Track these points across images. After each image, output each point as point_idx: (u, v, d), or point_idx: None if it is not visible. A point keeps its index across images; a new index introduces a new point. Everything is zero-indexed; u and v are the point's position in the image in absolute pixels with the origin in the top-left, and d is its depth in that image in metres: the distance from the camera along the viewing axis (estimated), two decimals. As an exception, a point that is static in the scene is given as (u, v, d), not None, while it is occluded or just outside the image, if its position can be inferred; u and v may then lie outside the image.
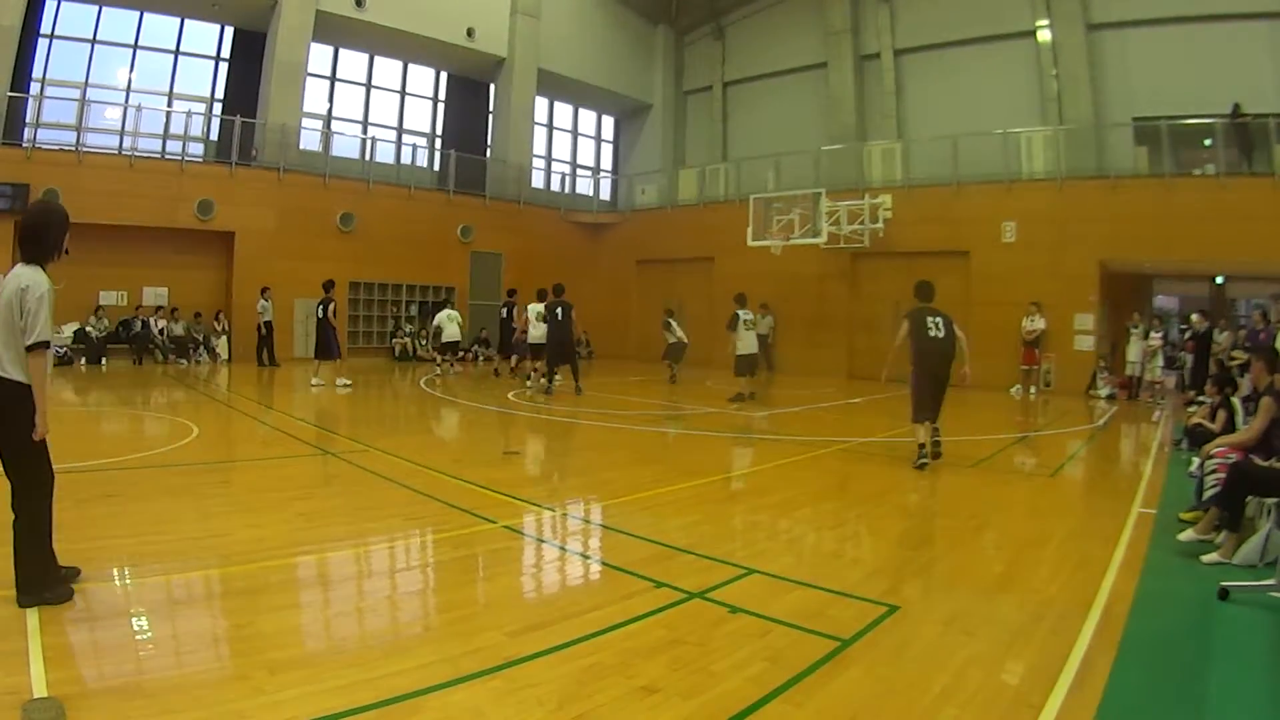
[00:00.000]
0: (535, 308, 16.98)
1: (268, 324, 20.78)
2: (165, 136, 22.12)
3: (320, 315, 16.93)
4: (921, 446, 9.56)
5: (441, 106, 28.53)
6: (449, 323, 19.35)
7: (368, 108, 26.88)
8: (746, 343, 15.85)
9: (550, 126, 32.06)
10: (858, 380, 21.32)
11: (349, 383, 16.75)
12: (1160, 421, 15.04)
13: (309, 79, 24.21)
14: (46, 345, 4.30)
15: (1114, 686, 3.80)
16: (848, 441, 11.94)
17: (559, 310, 15.87)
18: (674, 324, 20.03)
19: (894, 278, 21.98)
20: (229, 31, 23.83)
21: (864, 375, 21.76)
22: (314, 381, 16.62)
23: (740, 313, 15.70)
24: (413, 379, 19.06)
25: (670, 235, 27.48)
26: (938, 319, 9.62)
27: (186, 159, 21.75)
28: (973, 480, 9.28)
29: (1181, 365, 19.63)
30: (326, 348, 16.93)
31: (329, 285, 17.32)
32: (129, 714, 3.23)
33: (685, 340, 20.08)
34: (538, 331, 16.74)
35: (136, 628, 4.25)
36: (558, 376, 16.64)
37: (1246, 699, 3.93)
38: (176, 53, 23.21)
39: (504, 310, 20.12)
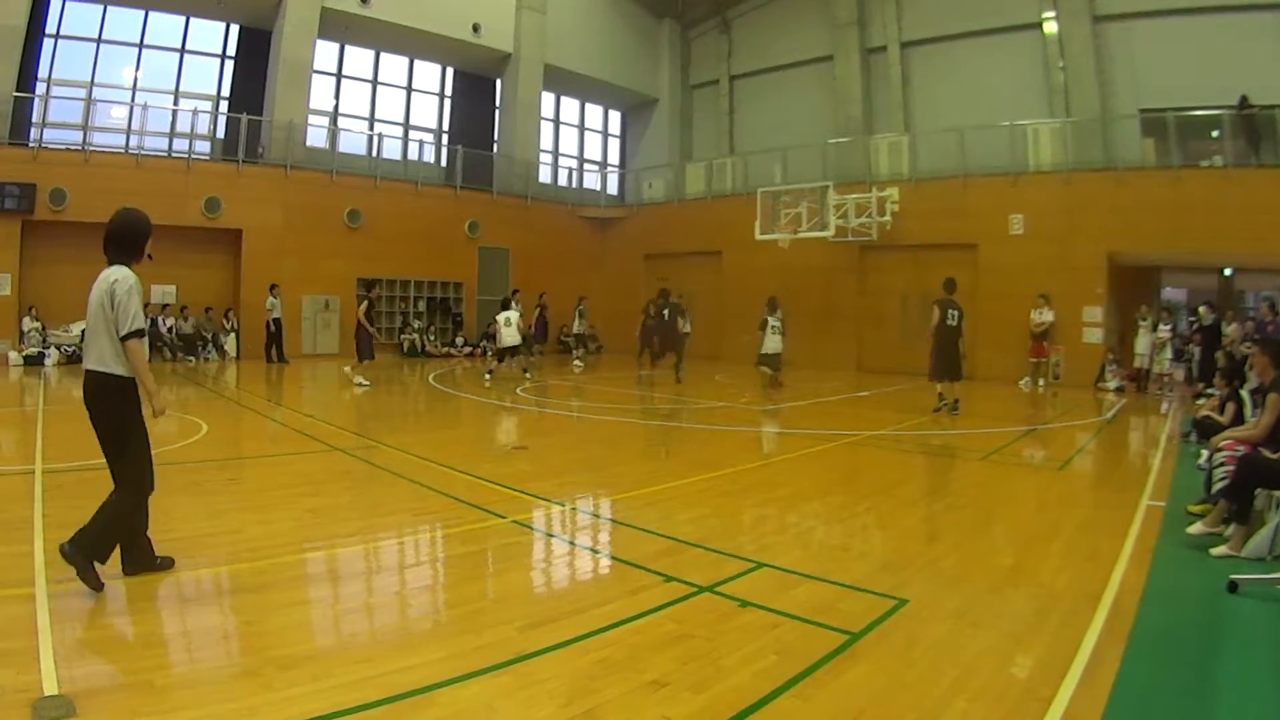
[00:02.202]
0: (508, 314, 17.58)
1: (276, 321, 20.81)
2: (172, 135, 22.18)
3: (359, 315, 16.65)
4: (941, 395, 13.88)
5: (448, 102, 28.52)
6: (506, 326, 19.25)
7: (374, 104, 26.87)
8: (770, 343, 17.04)
9: (557, 121, 32.03)
10: (866, 373, 21.29)
11: (364, 383, 16.39)
12: (1169, 414, 15.00)
13: (315, 76, 24.24)
14: (141, 333, 4.64)
15: (1123, 679, 3.79)
16: (856, 435, 11.92)
17: (665, 311, 17.02)
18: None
19: (902, 271, 22.01)
20: (234, 29, 23.84)
21: (872, 368, 21.75)
22: (358, 382, 16.17)
23: (769, 318, 17.01)
24: (421, 375, 19.07)
25: (678, 229, 27.46)
26: (956, 310, 13.54)
27: (193, 157, 21.83)
28: (982, 473, 9.26)
29: (1190, 358, 19.54)
30: (359, 348, 16.56)
31: (368, 284, 17.14)
32: (139, 711, 3.25)
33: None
34: (509, 335, 17.40)
35: (146, 625, 4.28)
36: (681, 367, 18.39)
37: (1256, 691, 3.92)
38: (182, 51, 23.23)
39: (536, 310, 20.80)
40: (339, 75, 26.07)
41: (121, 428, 4.69)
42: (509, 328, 17.36)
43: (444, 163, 27.52)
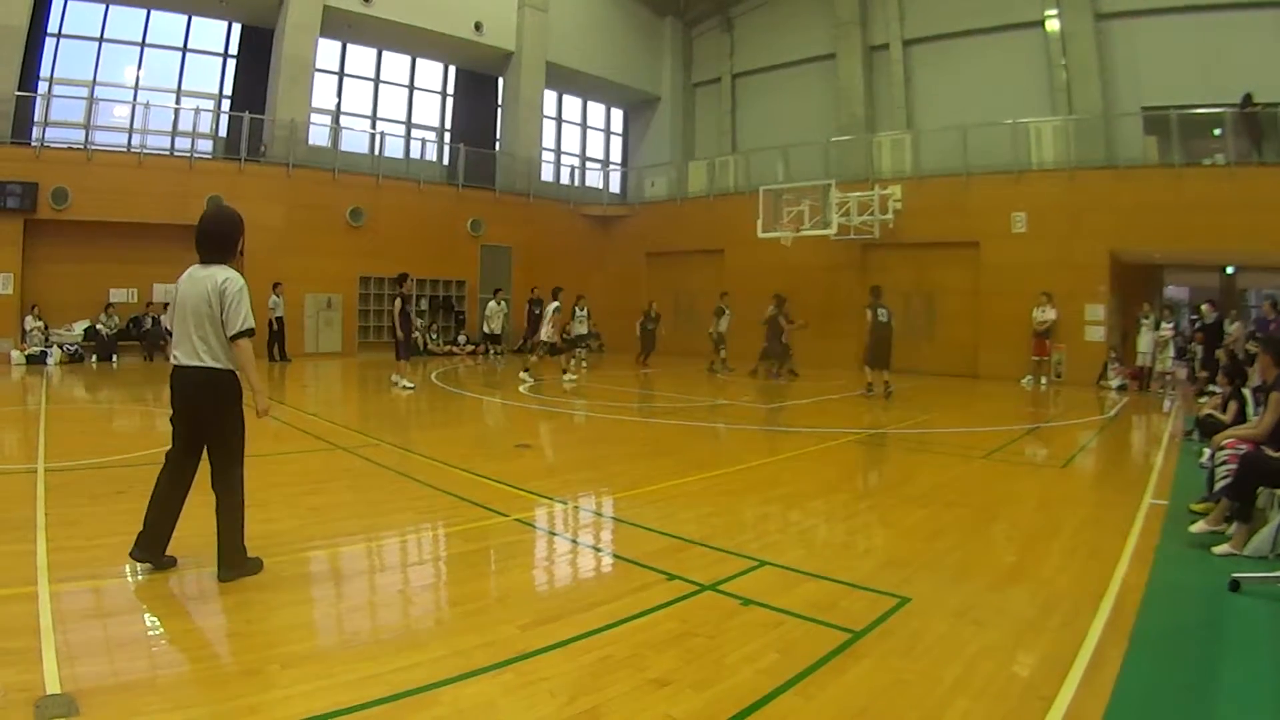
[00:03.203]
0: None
1: (279, 319, 20.84)
2: (174, 134, 22.18)
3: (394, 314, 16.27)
4: (870, 383, 16.00)
5: (450, 100, 28.52)
6: (578, 322, 20.50)
7: (376, 102, 26.88)
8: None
9: (559, 119, 32.03)
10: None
11: (409, 386, 15.91)
12: (1171, 412, 14.99)
13: (317, 74, 24.24)
14: (253, 332, 4.80)
15: (1125, 678, 3.79)
16: (858, 433, 11.92)
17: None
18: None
19: (904, 268, 22.00)
20: (236, 28, 23.86)
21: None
22: (403, 385, 15.77)
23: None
24: (424, 374, 19.06)
25: (680, 227, 27.48)
26: (885, 310, 15.87)
27: (195, 156, 21.84)
28: (984, 471, 9.25)
29: (1192, 356, 19.53)
30: (398, 348, 16.21)
31: (400, 279, 16.38)
32: (141, 710, 3.25)
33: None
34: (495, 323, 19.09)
35: (149, 623, 4.29)
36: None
37: (1258, 690, 3.92)
38: (184, 50, 23.25)
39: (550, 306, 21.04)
40: (341, 74, 26.08)
41: (230, 420, 4.83)
42: (579, 326, 18.83)
43: (446, 161, 27.54)
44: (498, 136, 28.90)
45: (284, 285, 20.81)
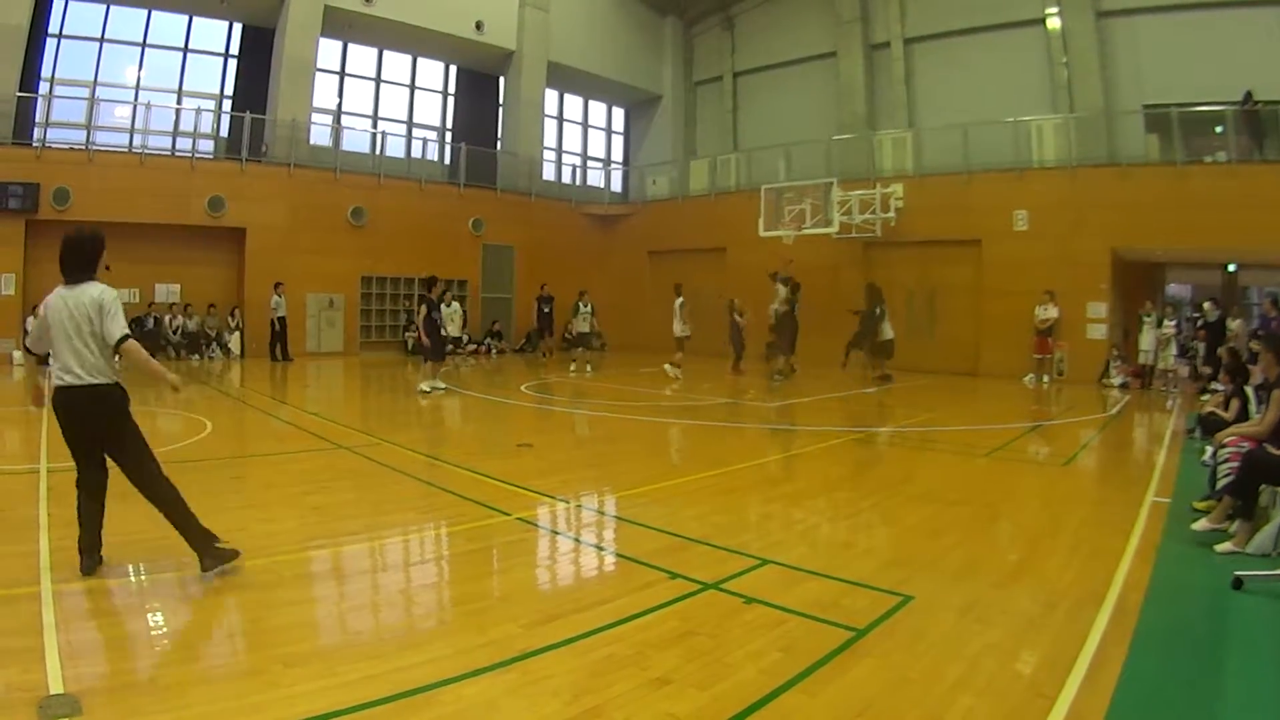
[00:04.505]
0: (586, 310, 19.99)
1: (281, 319, 20.85)
2: (175, 134, 22.18)
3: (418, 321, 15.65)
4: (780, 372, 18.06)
5: (451, 100, 28.50)
6: (580, 319, 20.80)
7: (377, 102, 26.85)
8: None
9: (560, 119, 32.01)
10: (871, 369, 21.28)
11: (440, 387, 15.35)
12: (1173, 410, 14.98)
13: (318, 74, 24.23)
14: (129, 336, 4.86)
15: (1128, 676, 3.79)
16: (861, 431, 11.91)
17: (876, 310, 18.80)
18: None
19: (906, 267, 21.99)
20: (237, 28, 23.84)
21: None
22: (432, 387, 15.09)
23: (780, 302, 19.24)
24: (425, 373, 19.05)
25: (682, 226, 27.47)
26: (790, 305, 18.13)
27: (197, 156, 21.84)
28: (986, 469, 9.25)
29: (1194, 354, 19.52)
30: (429, 350, 15.34)
31: (428, 283, 15.47)
32: (144, 709, 3.25)
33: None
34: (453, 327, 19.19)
35: (151, 623, 4.29)
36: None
37: (1261, 688, 3.92)
38: (185, 50, 23.23)
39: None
40: (342, 73, 26.06)
41: (123, 427, 4.93)
42: (581, 321, 19.23)
43: (448, 160, 27.52)
44: (499, 136, 28.88)
45: (285, 285, 20.82)
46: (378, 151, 25.34)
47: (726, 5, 30.69)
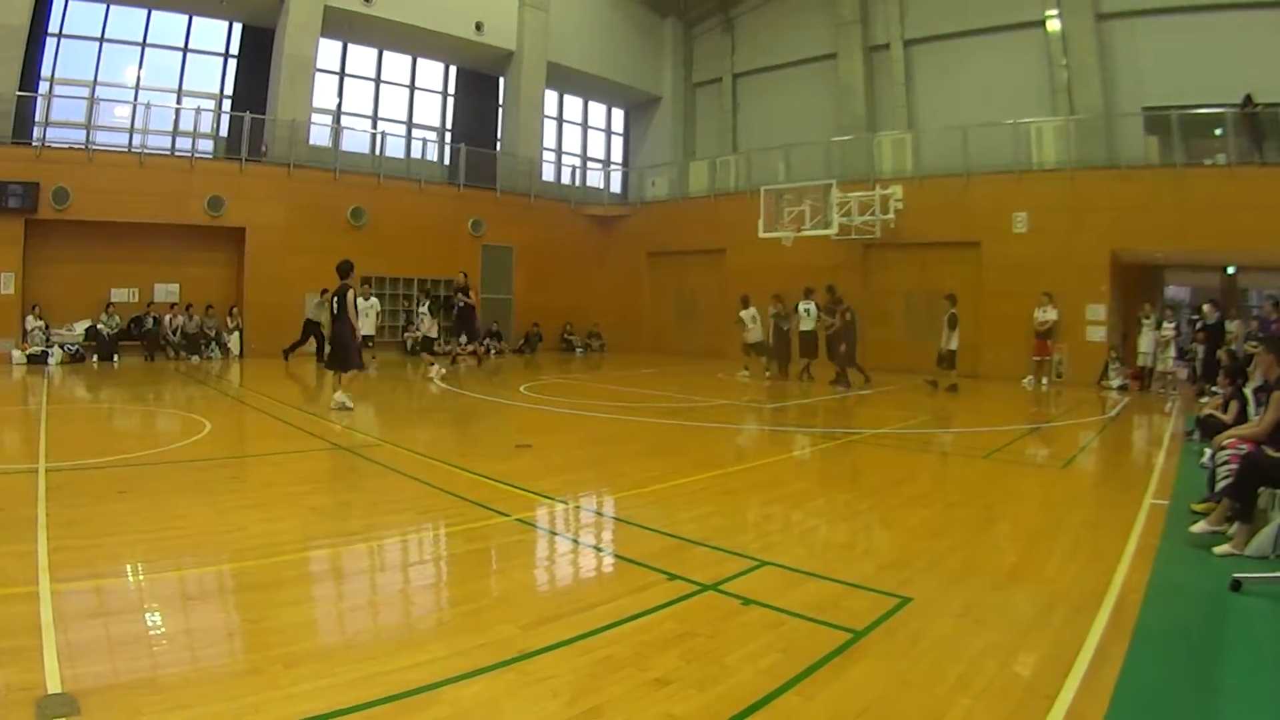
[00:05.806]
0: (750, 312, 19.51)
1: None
2: (175, 134, 22.19)
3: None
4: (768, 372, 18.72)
5: (451, 100, 28.51)
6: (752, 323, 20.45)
7: (377, 102, 26.87)
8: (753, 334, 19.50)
9: (560, 119, 32.03)
10: (870, 371, 21.25)
11: (349, 407, 15.21)
12: (1172, 412, 14.98)
13: (318, 74, 24.25)
14: None
15: (1127, 677, 3.79)
16: (859, 433, 11.92)
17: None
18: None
19: (906, 268, 22.02)
20: (237, 28, 23.85)
21: (876, 366, 21.68)
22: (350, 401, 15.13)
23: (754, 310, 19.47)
24: (425, 373, 19.05)
25: (681, 227, 27.47)
26: (809, 306, 18.61)
27: (196, 156, 21.86)
28: (985, 471, 9.25)
29: (1193, 356, 19.53)
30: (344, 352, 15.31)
31: (345, 269, 14.67)
32: (143, 709, 3.25)
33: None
34: (427, 325, 19.48)
35: (150, 623, 4.29)
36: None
37: (1259, 690, 3.92)
38: (185, 50, 23.24)
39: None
40: (342, 73, 26.07)
41: None
42: (753, 325, 19.19)
43: (447, 161, 27.54)
44: (498, 136, 28.89)
45: (285, 285, 20.73)
46: (377, 152, 25.35)
47: (726, 6, 30.71)
